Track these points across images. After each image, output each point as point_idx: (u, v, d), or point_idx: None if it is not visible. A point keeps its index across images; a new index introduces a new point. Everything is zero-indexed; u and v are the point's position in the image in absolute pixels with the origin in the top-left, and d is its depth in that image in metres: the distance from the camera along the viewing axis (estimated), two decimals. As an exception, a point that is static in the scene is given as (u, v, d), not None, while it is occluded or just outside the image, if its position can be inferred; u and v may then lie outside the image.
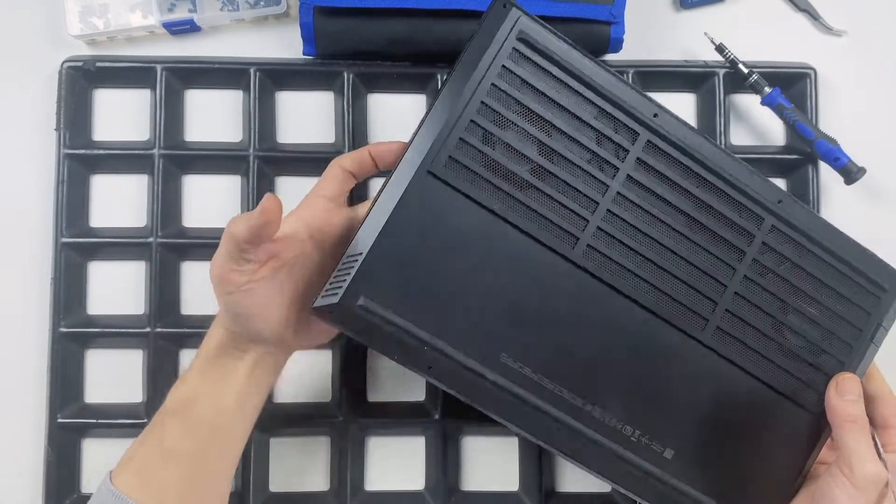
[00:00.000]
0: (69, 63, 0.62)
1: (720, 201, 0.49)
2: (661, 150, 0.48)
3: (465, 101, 0.45)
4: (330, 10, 0.60)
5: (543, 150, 0.46)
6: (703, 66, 0.65)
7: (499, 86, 0.45)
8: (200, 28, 0.64)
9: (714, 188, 0.49)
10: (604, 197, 0.47)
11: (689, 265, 0.49)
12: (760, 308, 0.50)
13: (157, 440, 0.47)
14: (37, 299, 0.63)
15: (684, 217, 0.48)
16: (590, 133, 0.47)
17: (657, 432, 0.49)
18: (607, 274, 0.47)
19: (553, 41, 0.46)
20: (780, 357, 0.50)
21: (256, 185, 0.63)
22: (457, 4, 0.59)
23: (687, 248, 0.48)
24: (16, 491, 0.62)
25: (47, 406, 0.61)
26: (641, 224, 0.48)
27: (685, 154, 0.48)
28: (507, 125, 0.46)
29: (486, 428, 0.64)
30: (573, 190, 0.47)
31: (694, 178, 0.49)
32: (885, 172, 0.65)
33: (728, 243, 0.49)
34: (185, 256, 0.64)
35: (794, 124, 0.62)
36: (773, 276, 0.50)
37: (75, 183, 0.63)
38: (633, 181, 0.47)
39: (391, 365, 0.64)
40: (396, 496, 0.63)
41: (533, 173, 0.46)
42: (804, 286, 0.51)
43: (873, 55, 0.67)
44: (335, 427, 0.63)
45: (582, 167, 0.47)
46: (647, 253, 0.48)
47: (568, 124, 0.46)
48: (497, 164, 0.46)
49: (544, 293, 0.47)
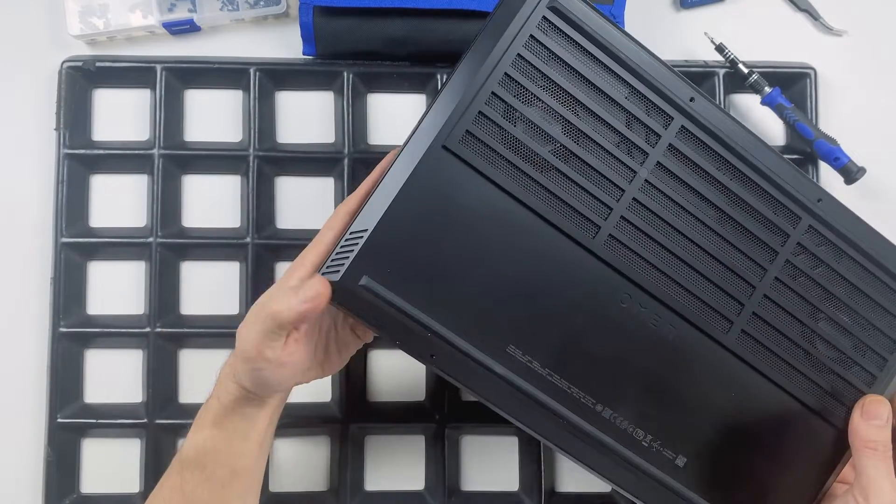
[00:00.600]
0: (69, 63, 0.62)
1: (755, 196, 0.46)
2: (695, 138, 0.45)
3: (487, 72, 0.42)
4: (330, 10, 0.60)
5: (569, 130, 0.43)
6: (703, 65, 0.65)
7: (525, 56, 0.42)
8: (200, 28, 0.64)
9: (749, 182, 0.46)
10: (630, 184, 0.44)
11: (717, 263, 0.46)
12: (790, 313, 0.47)
13: (176, 487, 0.46)
14: (37, 299, 0.63)
15: (715, 211, 0.46)
16: (620, 114, 0.44)
17: (670, 438, 0.46)
18: (628, 266, 0.45)
19: (587, 13, 0.43)
20: (808, 367, 0.48)
21: (256, 185, 0.63)
22: (457, 4, 0.59)
23: (716, 244, 0.46)
24: (16, 491, 0.62)
25: (47, 406, 0.61)
26: (669, 216, 0.45)
27: (721, 143, 0.45)
28: (531, 100, 0.43)
29: (486, 428, 0.64)
30: (598, 174, 0.44)
31: (728, 169, 0.46)
32: (885, 172, 0.65)
33: (760, 242, 0.46)
34: (185, 256, 0.64)
35: (794, 124, 0.62)
36: (806, 279, 0.47)
37: (75, 183, 0.63)
38: (663, 169, 0.45)
39: (391, 365, 0.65)
40: (396, 496, 0.63)
41: (556, 154, 0.43)
42: (839, 292, 0.48)
43: (873, 55, 0.67)
44: (335, 427, 0.63)
45: (609, 150, 0.44)
46: (672, 247, 0.45)
47: (597, 103, 0.43)
48: (517, 142, 0.43)
49: (559, 283, 0.44)
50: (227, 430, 0.46)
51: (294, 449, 0.64)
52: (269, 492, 0.63)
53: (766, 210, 0.46)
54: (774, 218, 0.46)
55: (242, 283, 0.63)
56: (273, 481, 0.63)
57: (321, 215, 0.64)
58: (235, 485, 0.46)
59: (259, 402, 0.46)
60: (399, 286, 0.42)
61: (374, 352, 0.65)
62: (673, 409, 0.46)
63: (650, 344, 0.46)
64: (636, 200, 0.44)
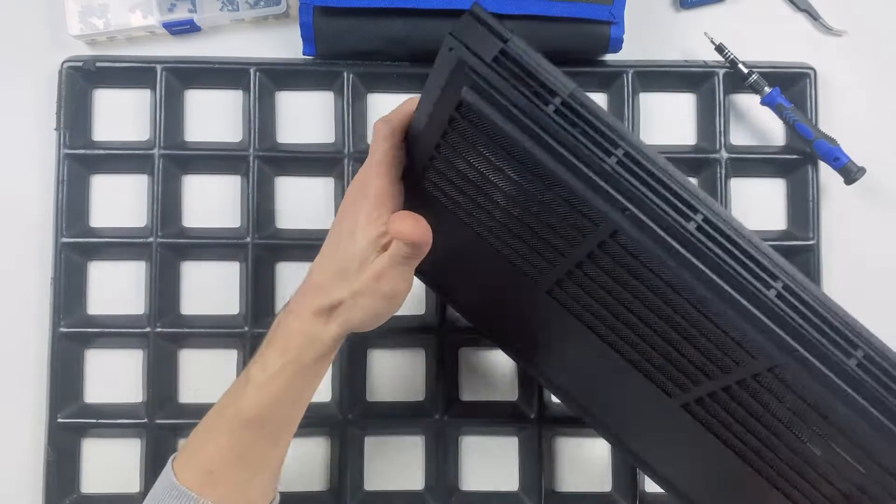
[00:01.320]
0: (69, 63, 0.62)
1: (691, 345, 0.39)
2: (625, 249, 0.37)
3: (423, 125, 0.41)
4: (330, 10, 0.60)
5: (500, 204, 0.41)
6: (703, 66, 0.65)
7: (449, 134, 0.39)
8: (200, 28, 0.64)
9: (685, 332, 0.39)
10: (565, 259, 0.40)
11: (652, 351, 0.41)
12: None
13: (229, 447, 0.44)
14: (37, 299, 0.63)
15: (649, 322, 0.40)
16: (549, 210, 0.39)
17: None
18: (573, 307, 0.43)
19: (496, 119, 0.36)
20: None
21: (256, 185, 0.63)
22: (457, 4, 0.59)
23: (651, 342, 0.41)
24: (16, 491, 0.62)
25: (47, 406, 0.61)
26: (605, 294, 0.40)
27: (643, 268, 0.37)
28: (465, 166, 0.41)
29: (486, 428, 0.64)
30: (537, 241, 0.41)
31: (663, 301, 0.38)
32: (885, 172, 0.65)
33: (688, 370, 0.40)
34: (185, 256, 0.64)
35: (793, 124, 0.62)
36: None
37: (75, 183, 0.63)
38: (594, 261, 0.39)
39: (391, 365, 0.65)
40: (396, 496, 0.63)
41: (497, 212, 0.42)
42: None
43: (873, 55, 0.67)
44: (335, 427, 0.62)
45: (538, 233, 0.41)
46: (609, 316, 0.42)
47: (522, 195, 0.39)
48: (463, 191, 0.42)
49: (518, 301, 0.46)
50: (297, 393, 0.45)
51: (294, 449, 0.62)
52: (269, 492, 0.63)
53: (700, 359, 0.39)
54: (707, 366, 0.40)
55: (242, 283, 0.63)
56: (273, 481, 0.63)
57: (321, 215, 0.64)
58: (285, 436, 0.46)
59: (332, 354, 0.45)
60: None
61: (374, 352, 0.65)
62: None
63: (598, 372, 0.47)
64: (572, 271, 0.41)
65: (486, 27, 0.36)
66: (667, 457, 0.53)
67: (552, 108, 0.35)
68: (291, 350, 0.44)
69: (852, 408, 0.34)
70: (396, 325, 0.64)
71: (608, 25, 0.61)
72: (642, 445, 0.55)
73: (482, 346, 0.65)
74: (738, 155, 0.64)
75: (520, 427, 0.63)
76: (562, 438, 0.64)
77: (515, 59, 0.36)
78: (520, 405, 0.64)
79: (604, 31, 0.61)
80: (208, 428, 0.46)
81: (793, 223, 0.65)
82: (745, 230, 0.35)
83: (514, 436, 0.64)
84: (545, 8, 0.59)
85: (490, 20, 0.36)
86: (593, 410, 0.57)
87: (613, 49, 0.62)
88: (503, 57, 0.36)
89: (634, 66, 0.64)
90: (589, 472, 0.64)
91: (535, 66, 0.36)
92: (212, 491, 0.43)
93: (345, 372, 0.63)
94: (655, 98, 0.66)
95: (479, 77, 0.36)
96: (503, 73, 0.36)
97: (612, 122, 0.35)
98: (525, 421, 0.63)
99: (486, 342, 0.64)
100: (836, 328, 0.34)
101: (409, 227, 0.42)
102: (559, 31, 0.61)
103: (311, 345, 0.44)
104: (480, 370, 0.65)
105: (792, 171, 0.65)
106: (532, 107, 0.35)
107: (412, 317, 0.64)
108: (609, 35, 0.61)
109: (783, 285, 0.34)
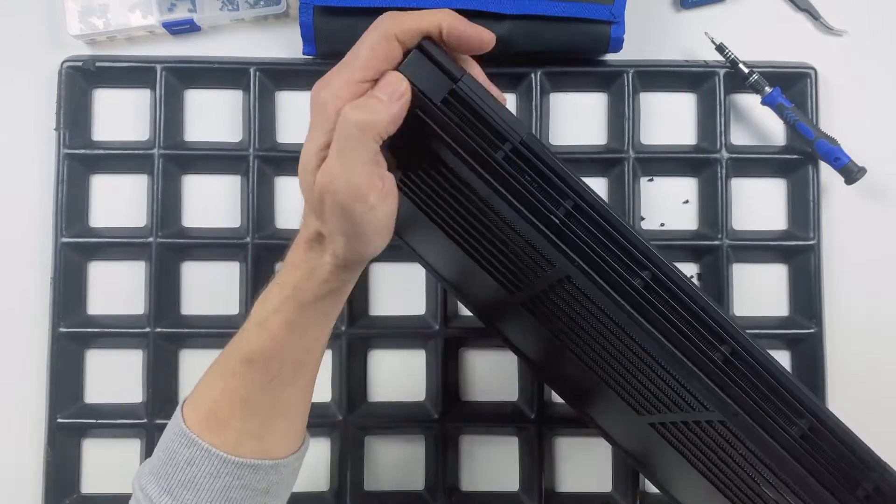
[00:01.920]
0: (69, 63, 0.62)
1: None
2: (580, 291, 0.37)
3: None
4: (330, 10, 0.60)
5: (468, 224, 0.40)
6: (703, 65, 0.64)
7: (416, 147, 0.38)
8: (200, 28, 0.64)
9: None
10: (532, 284, 0.40)
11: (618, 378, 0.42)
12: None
13: (232, 389, 0.42)
14: (37, 299, 0.63)
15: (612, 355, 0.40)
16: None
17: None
18: (545, 319, 0.43)
19: (448, 159, 0.36)
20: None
21: (256, 185, 0.63)
22: (457, 4, 0.59)
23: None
24: (16, 491, 0.62)
25: (47, 406, 0.61)
26: (571, 320, 0.40)
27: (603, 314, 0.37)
28: (436, 180, 0.39)
29: (486, 428, 0.64)
30: (506, 263, 0.41)
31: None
32: (885, 172, 0.65)
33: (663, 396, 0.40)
34: (185, 256, 0.64)
35: (794, 124, 0.61)
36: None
37: (75, 183, 0.63)
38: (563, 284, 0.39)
39: (391, 365, 0.65)
40: (396, 496, 0.63)
41: (465, 227, 0.41)
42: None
43: (873, 55, 0.67)
44: (336, 427, 0.62)
45: (506, 256, 0.40)
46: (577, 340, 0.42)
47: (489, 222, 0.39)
48: (435, 196, 0.41)
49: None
50: (300, 331, 0.41)
51: (294, 449, 0.64)
52: (269, 492, 0.63)
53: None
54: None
55: (242, 283, 0.63)
56: (273, 481, 0.63)
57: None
58: (299, 380, 0.43)
59: (339, 293, 0.42)
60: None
61: (374, 352, 0.65)
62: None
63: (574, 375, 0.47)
64: (545, 291, 0.40)
65: (437, 65, 0.35)
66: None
67: (501, 154, 0.35)
68: (289, 285, 0.41)
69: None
70: (396, 325, 0.64)
71: (608, 25, 0.61)
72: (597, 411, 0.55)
73: (482, 346, 0.65)
74: (738, 155, 0.64)
75: (520, 427, 0.63)
76: (562, 438, 0.64)
77: (466, 101, 0.35)
78: (520, 405, 0.64)
79: (604, 30, 0.61)
80: (214, 370, 0.43)
81: (793, 223, 0.65)
82: (691, 284, 0.35)
83: (514, 436, 0.64)
84: (545, 8, 0.59)
85: (440, 58, 0.35)
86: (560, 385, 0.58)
87: (614, 49, 0.62)
88: (453, 98, 0.35)
89: (635, 66, 0.64)
90: (589, 472, 0.64)
91: (487, 110, 0.34)
92: (220, 438, 0.41)
93: (345, 372, 0.63)
94: (656, 98, 0.66)
95: (428, 118, 0.35)
96: (452, 117, 0.35)
97: (563, 172, 0.35)
98: (525, 421, 0.63)
99: (486, 342, 0.64)
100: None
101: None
102: (559, 31, 0.61)
103: (309, 278, 0.40)
104: (480, 370, 0.65)
105: (792, 171, 0.65)
106: (481, 153, 0.35)
107: (412, 317, 0.64)
108: (609, 35, 0.61)
109: (731, 349, 0.34)
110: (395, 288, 0.65)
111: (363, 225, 0.37)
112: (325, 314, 0.42)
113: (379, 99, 0.35)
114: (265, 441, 0.42)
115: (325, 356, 0.63)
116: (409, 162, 0.40)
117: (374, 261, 0.64)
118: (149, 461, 0.43)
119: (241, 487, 0.41)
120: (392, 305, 0.65)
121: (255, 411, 0.42)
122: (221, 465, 0.41)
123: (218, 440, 0.41)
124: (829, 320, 0.63)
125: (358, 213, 0.36)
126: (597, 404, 0.54)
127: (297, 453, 0.44)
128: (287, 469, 0.43)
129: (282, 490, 0.44)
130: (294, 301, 0.40)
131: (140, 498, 0.41)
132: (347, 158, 0.36)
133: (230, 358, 0.42)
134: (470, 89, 0.34)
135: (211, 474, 0.41)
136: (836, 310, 0.64)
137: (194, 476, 0.41)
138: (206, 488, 0.41)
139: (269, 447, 0.42)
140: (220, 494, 0.41)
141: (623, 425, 0.51)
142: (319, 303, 0.41)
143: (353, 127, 0.35)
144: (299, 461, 0.45)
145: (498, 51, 0.38)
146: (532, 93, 0.63)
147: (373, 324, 0.64)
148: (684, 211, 0.66)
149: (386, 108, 0.35)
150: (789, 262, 0.65)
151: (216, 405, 0.42)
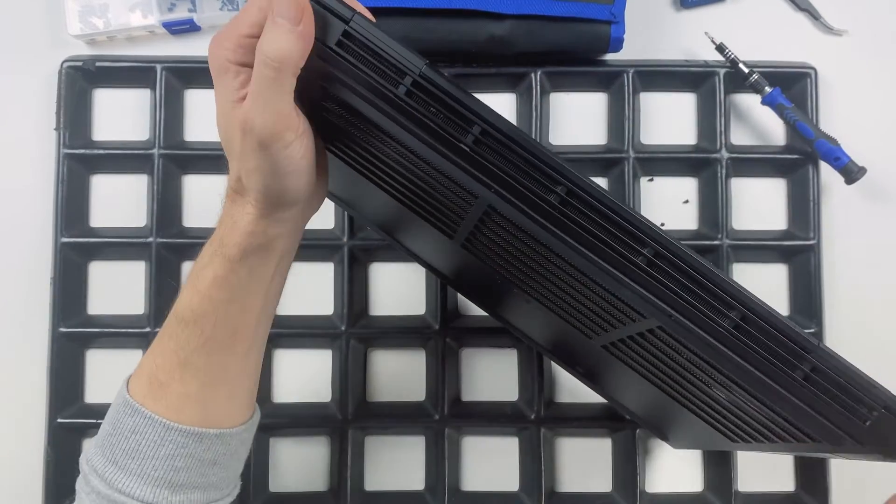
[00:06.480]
0: (69, 63, 0.62)
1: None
2: (506, 219, 0.37)
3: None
4: (330, 10, 0.60)
5: (392, 168, 0.40)
6: (703, 65, 0.64)
7: (327, 101, 0.37)
8: (200, 28, 0.64)
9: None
10: (464, 221, 0.40)
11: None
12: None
13: (171, 351, 0.41)
14: (37, 299, 0.63)
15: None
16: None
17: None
18: (487, 258, 0.43)
19: (354, 102, 0.35)
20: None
21: (256, 185, 0.63)
22: (457, 4, 0.59)
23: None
24: (16, 491, 0.62)
25: (47, 406, 0.61)
26: (509, 251, 0.40)
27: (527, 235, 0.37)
28: (352, 132, 0.39)
29: (486, 428, 0.64)
30: (439, 198, 0.40)
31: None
32: (885, 172, 0.65)
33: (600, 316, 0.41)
34: (185, 256, 0.64)
35: (794, 124, 0.61)
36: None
37: (75, 183, 0.63)
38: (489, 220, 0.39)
39: (391, 365, 0.65)
40: (396, 496, 0.63)
41: (390, 173, 0.41)
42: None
43: (873, 55, 0.67)
44: (335, 427, 0.62)
45: (435, 197, 0.40)
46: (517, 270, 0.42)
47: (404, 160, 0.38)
48: (357, 147, 0.40)
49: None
50: (228, 289, 0.40)
51: (294, 449, 0.64)
52: (269, 492, 0.63)
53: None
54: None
55: (242, 283, 0.63)
56: (273, 481, 0.63)
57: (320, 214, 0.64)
58: (237, 345, 0.42)
59: (266, 248, 0.41)
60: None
61: (374, 352, 0.65)
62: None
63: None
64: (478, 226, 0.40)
65: (326, 8, 0.35)
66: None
67: (403, 89, 0.35)
68: (216, 239, 0.40)
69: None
70: (396, 325, 0.64)
71: (609, 25, 0.61)
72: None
73: (482, 346, 0.65)
74: (738, 155, 0.64)
75: (520, 427, 0.63)
76: (562, 438, 0.64)
77: (360, 41, 0.35)
78: (520, 405, 0.64)
79: (604, 30, 0.61)
80: (158, 337, 0.42)
81: (793, 223, 0.65)
82: (605, 193, 0.35)
83: (514, 436, 0.64)
84: (545, 7, 0.59)
85: (329, 1, 0.35)
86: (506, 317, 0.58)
87: (614, 49, 0.62)
88: (347, 40, 0.35)
89: (635, 66, 0.64)
90: (589, 472, 0.64)
91: (383, 46, 0.35)
92: (162, 403, 0.40)
93: (345, 372, 0.63)
94: (656, 98, 0.66)
95: (328, 64, 0.35)
96: (349, 58, 0.35)
97: (467, 99, 0.35)
98: (525, 421, 0.63)
99: (487, 342, 0.64)
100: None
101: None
102: (560, 31, 0.61)
103: (232, 228, 0.40)
104: (480, 370, 0.65)
105: (792, 171, 0.65)
106: (382, 90, 0.35)
107: (412, 317, 0.64)
108: (609, 35, 0.61)
109: (653, 251, 0.35)
110: (395, 288, 0.65)
111: (281, 162, 0.37)
112: (253, 273, 0.41)
113: (281, 24, 0.34)
114: (209, 408, 0.41)
115: (326, 356, 0.64)
116: (323, 121, 0.40)
117: (374, 261, 0.65)
118: (95, 437, 0.43)
119: (185, 456, 0.40)
120: (392, 305, 0.65)
121: (194, 374, 0.41)
122: (165, 431, 0.40)
123: (160, 406, 0.40)
124: (829, 320, 0.63)
125: (275, 148, 0.37)
126: (560, 339, 0.54)
127: (244, 425, 0.43)
128: (235, 440, 0.42)
129: (232, 461, 0.43)
130: (220, 256, 0.40)
131: (86, 471, 0.41)
132: (265, 96, 0.36)
133: (169, 320, 0.42)
134: (363, 27, 0.35)
135: (155, 442, 0.40)
136: (836, 310, 0.64)
137: (138, 444, 0.40)
138: (151, 456, 0.40)
139: (213, 415, 0.41)
140: (165, 463, 0.40)
141: (585, 355, 0.52)
142: (246, 259, 0.40)
143: (267, 67, 0.35)
144: (249, 433, 0.44)
145: (498, 51, 0.38)
146: (532, 93, 0.63)
147: (373, 324, 0.64)
148: (684, 211, 0.66)
149: (294, 38, 0.34)
150: (789, 262, 0.65)
151: (157, 369, 0.41)
